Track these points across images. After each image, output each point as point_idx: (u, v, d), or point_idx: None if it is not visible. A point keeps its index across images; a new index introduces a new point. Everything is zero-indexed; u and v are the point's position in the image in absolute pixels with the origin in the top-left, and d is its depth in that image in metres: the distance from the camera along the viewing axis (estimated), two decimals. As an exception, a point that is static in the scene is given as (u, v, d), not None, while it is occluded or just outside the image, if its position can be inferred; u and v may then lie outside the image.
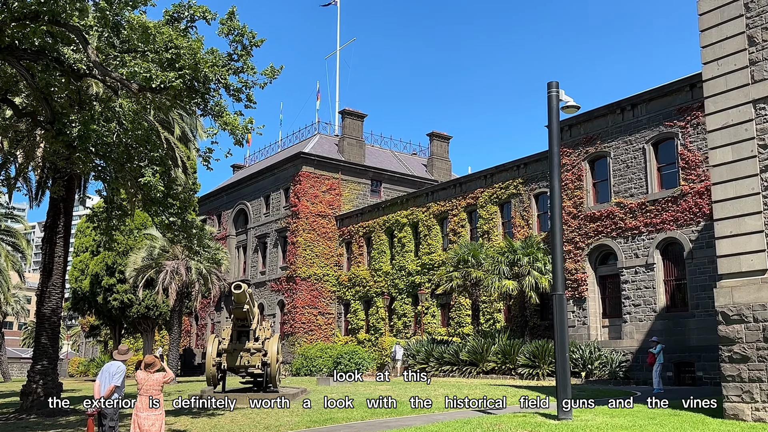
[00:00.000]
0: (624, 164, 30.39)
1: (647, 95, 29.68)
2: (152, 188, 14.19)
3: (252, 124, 14.26)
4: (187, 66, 11.81)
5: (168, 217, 15.19)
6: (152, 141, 14.74)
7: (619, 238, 30.10)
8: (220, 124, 13.84)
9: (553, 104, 14.35)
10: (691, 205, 27.73)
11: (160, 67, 11.82)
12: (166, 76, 11.55)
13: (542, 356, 29.49)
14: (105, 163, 14.36)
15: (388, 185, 54.60)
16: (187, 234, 15.84)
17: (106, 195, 15.51)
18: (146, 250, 36.98)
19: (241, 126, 13.98)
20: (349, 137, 54.14)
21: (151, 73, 11.51)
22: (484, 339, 32.63)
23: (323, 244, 50.61)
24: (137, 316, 44.34)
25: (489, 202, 39.88)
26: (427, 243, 43.67)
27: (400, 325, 44.43)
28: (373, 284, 47.09)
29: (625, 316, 29.46)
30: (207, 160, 14.38)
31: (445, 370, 32.96)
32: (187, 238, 15.99)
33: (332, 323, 50.28)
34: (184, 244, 16.25)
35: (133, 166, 14.58)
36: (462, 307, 40.25)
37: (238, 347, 19.52)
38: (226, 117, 13.76)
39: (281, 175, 52.99)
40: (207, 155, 14.41)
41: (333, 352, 43.01)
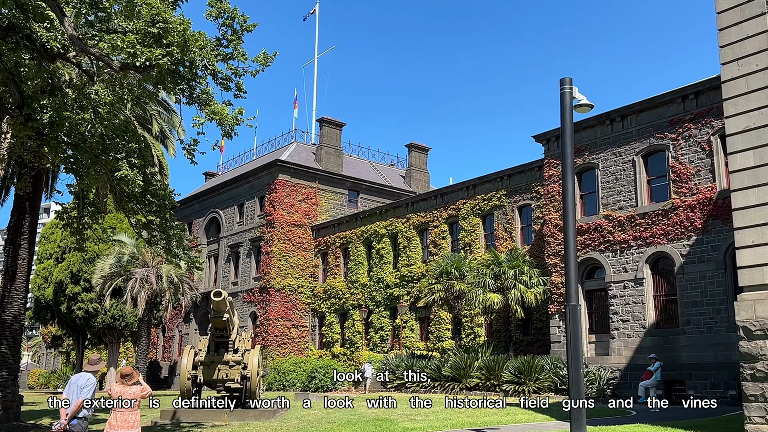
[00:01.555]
0: (613, 176, 29.73)
1: (637, 106, 29.09)
2: (129, 183, 12.94)
3: (242, 115, 13.12)
4: (176, 43, 10.63)
5: (146, 215, 13.91)
6: (130, 131, 13.48)
7: (608, 252, 29.36)
8: (207, 114, 12.66)
9: (566, 102, 13.46)
10: (682, 219, 27.10)
11: (145, 42, 10.62)
12: (152, 53, 10.36)
13: (528, 372, 28.54)
14: (78, 155, 13.08)
15: (365, 196, 53.53)
16: (165, 234, 14.56)
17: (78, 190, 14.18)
18: (115, 257, 35.33)
19: (230, 116, 12.82)
20: (327, 146, 53.02)
21: (135, 48, 10.32)
22: (467, 354, 31.57)
23: (298, 254, 49.29)
24: (102, 326, 42.50)
25: (471, 214, 39.04)
26: (406, 255, 42.64)
27: (377, 338, 43.23)
28: (349, 296, 45.86)
29: (613, 332, 28.66)
30: (191, 153, 13.17)
31: (426, 386, 31.82)
32: (166, 239, 14.71)
33: (306, 336, 48.86)
34: (162, 246, 14.97)
35: (109, 158, 13.30)
36: (442, 320, 39.24)
37: (216, 359, 18.19)
38: (214, 106, 12.59)
39: (256, 183, 51.62)
40: (192, 147, 13.19)
41: (307, 366, 41.67)
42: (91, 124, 13.32)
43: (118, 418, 10.29)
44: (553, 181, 32.02)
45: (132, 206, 14.06)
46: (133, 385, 10.43)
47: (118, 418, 10.30)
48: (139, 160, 13.12)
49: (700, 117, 27.22)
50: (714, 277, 26.00)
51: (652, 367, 23.35)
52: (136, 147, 13.11)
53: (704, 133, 27.01)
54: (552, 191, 31.97)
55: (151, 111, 20.08)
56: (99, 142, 13.35)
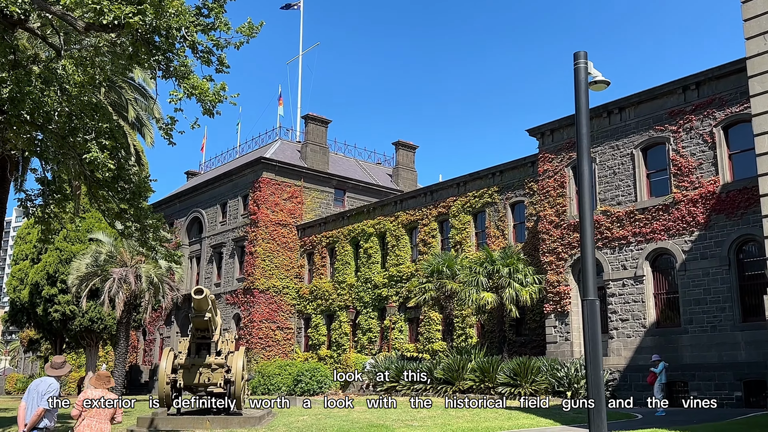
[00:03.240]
0: (611, 170, 28.72)
1: (636, 98, 28.12)
2: (100, 166, 11.62)
3: (225, 91, 11.87)
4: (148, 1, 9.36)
5: (118, 203, 12.59)
6: (101, 110, 12.15)
7: (606, 249, 28.34)
8: (185, 89, 11.39)
9: (580, 78, 12.31)
10: (684, 214, 26.12)
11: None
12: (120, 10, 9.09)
13: (524, 374, 27.41)
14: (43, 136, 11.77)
15: (352, 194, 52.28)
16: (140, 225, 13.25)
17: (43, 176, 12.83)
18: (91, 256, 33.76)
19: (211, 92, 11.56)
20: (313, 143, 51.70)
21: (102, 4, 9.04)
22: (460, 355, 30.40)
23: (283, 254, 47.93)
24: (80, 329, 40.89)
25: (462, 212, 37.92)
26: (395, 254, 41.43)
27: (365, 340, 41.98)
28: (336, 297, 44.57)
29: (612, 332, 27.63)
30: (169, 133, 11.88)
31: (417, 389, 30.61)
32: (141, 231, 13.40)
33: (291, 338, 47.50)
34: (137, 238, 13.67)
35: (77, 140, 11.97)
36: (432, 321, 38.07)
37: (197, 362, 16.84)
38: (194, 80, 11.32)
39: (240, 182, 50.21)
40: (169, 126, 11.91)
41: (293, 369, 40.27)
42: (57, 103, 11.99)
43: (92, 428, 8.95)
44: (548, 176, 30.96)
45: (103, 194, 12.76)
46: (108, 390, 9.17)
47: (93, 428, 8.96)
48: (110, 142, 11.81)
49: (702, 108, 26.29)
50: (718, 273, 25.03)
51: (657, 368, 22.23)
52: (107, 127, 11.80)
53: (706, 125, 26.07)
54: (547, 186, 30.91)
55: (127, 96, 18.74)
56: (66, 123, 12.03)
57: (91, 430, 8.86)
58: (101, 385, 9.27)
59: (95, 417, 8.96)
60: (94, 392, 9.14)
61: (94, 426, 8.89)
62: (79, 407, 9.05)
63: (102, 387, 9.25)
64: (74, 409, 9.12)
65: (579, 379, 26.52)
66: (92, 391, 9.16)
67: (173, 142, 12.01)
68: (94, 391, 9.17)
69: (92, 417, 8.96)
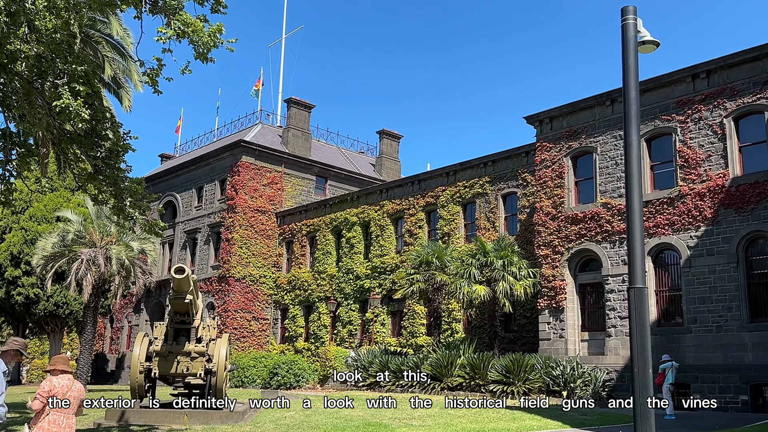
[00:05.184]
0: (612, 161, 27.45)
1: (642, 86, 26.76)
2: (72, 116, 9.87)
3: (221, 33, 10.18)
4: None
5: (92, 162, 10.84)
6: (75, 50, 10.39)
7: (605, 243, 27.07)
8: (176, 28, 9.69)
9: (629, 35, 10.84)
10: (690, 208, 24.92)
11: None
12: None
13: (517, 372, 26.04)
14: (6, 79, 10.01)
15: (334, 183, 50.57)
16: (116, 189, 11.52)
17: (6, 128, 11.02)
18: (59, 235, 31.63)
19: (206, 32, 9.87)
20: (295, 128, 49.86)
21: None
22: (449, 351, 28.95)
23: (261, 242, 46.08)
24: (44, 313, 38.69)
25: (451, 202, 36.47)
26: (379, 244, 39.86)
27: (345, 333, 40.37)
28: (315, 288, 42.87)
29: (610, 330, 26.37)
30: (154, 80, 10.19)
31: (402, 384, 29.09)
32: (117, 196, 11.67)
33: (267, 330, 45.71)
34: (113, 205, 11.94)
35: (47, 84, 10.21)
36: (417, 315, 36.58)
37: (175, 350, 15.11)
38: (186, 16, 9.62)
39: (217, 165, 48.21)
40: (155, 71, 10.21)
41: (269, 361, 38.55)
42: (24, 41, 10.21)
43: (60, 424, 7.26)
44: (545, 166, 29.61)
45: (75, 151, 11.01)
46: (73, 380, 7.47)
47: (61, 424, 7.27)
48: (84, 87, 10.07)
49: (711, 98, 25.10)
50: (725, 271, 23.87)
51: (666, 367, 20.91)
52: (83, 70, 10.07)
53: (716, 116, 24.89)
54: (544, 177, 29.56)
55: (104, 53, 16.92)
56: (35, 65, 10.26)
57: (59, 427, 7.19)
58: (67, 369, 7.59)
59: (62, 411, 7.29)
60: (60, 380, 7.46)
61: (61, 422, 7.22)
62: (43, 399, 7.35)
63: (68, 373, 7.58)
64: (36, 400, 7.41)
65: (575, 378, 25.22)
66: (58, 380, 7.47)
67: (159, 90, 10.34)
68: (61, 379, 7.49)
69: (59, 411, 7.28)
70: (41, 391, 7.51)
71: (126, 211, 11.95)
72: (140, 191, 12.23)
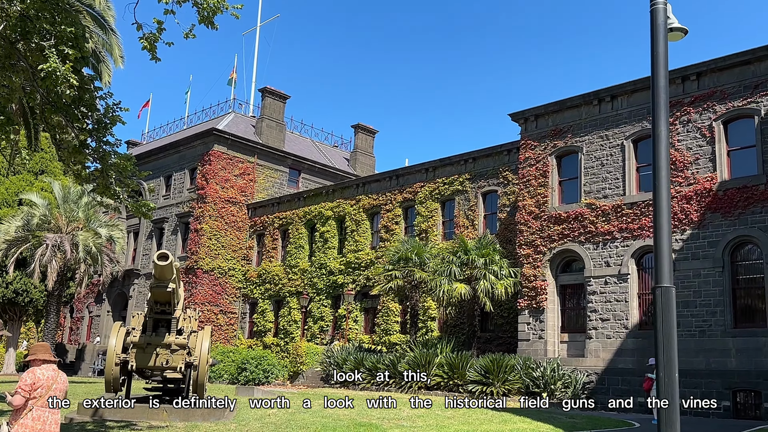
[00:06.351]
0: (598, 161, 27.12)
1: (630, 86, 26.56)
2: (59, 81, 8.93)
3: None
4: None
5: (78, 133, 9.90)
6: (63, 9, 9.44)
7: (588, 244, 26.72)
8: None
9: (658, 21, 10.29)
10: (676, 211, 24.68)
11: None
12: None
13: (496, 372, 25.57)
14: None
15: (307, 176, 49.64)
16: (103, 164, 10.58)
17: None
18: (22, 219, 30.17)
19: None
20: (269, 118, 48.79)
21: None
22: (427, 349, 28.35)
23: (231, 234, 44.96)
24: (3, 301, 37.03)
25: (429, 198, 35.89)
26: (354, 239, 39.09)
27: (317, 329, 39.52)
28: (287, 282, 41.92)
29: (590, 332, 26.03)
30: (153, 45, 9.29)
31: (378, 383, 28.41)
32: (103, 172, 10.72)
33: (235, 324, 44.60)
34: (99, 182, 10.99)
35: (30, 46, 9.25)
36: (391, 312, 35.93)
37: (154, 341, 14.16)
38: (191, -24, 8.78)
39: (188, 153, 46.92)
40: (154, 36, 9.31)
41: (237, 356, 37.53)
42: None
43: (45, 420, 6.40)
44: (529, 165, 29.17)
45: (59, 120, 10.05)
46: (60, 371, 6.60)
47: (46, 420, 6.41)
48: (74, 51, 9.15)
49: (701, 100, 24.90)
50: (710, 275, 23.67)
51: (653, 374, 20.47)
52: (71, 32, 9.14)
53: (705, 118, 24.70)
54: (528, 175, 29.12)
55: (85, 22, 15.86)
56: (17, 24, 9.29)
57: (44, 423, 6.33)
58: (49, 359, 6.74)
59: (47, 405, 6.42)
60: (45, 371, 6.59)
61: (46, 418, 6.36)
62: (25, 393, 6.47)
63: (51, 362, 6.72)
64: (17, 395, 6.53)
65: (555, 380, 24.85)
66: (42, 371, 6.60)
67: (157, 56, 9.45)
68: (45, 370, 6.61)
69: (43, 406, 6.41)
70: (23, 384, 6.63)
71: (111, 189, 11.04)
72: (129, 168, 11.32)
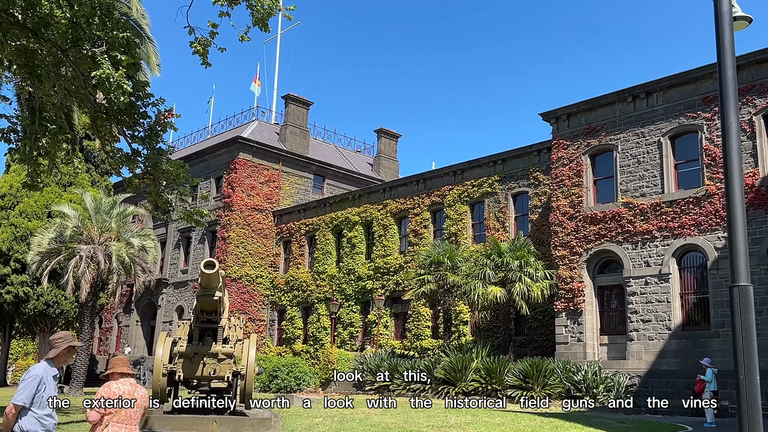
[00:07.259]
0: (634, 159, 26.64)
1: (665, 82, 26.08)
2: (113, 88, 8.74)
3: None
4: None
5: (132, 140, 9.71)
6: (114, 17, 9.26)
7: (627, 244, 26.23)
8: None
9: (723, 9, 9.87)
10: (717, 208, 24.16)
11: None
12: None
13: (536, 376, 25.14)
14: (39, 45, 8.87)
15: (331, 182, 49.47)
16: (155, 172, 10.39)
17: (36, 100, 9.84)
18: (55, 230, 30.23)
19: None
20: (293, 125, 48.71)
21: None
22: (462, 354, 27.97)
23: (258, 241, 44.86)
24: (34, 313, 37.13)
25: (458, 201, 35.53)
26: (382, 244, 38.81)
27: (346, 335, 39.26)
28: (314, 289, 41.72)
29: (631, 334, 25.52)
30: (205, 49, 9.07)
31: (413, 389, 28.08)
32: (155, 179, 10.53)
33: (264, 331, 44.47)
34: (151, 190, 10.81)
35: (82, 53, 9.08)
36: (422, 317, 35.58)
37: (201, 351, 13.95)
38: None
39: (213, 162, 46.93)
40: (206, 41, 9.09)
41: (267, 364, 37.31)
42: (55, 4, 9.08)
43: None
44: (562, 164, 28.75)
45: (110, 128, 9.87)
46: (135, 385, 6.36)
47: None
48: (126, 57, 8.97)
49: (740, 94, 24.31)
50: (755, 273, 22.99)
51: (705, 376, 19.93)
52: (124, 37, 8.95)
53: (745, 113, 24.17)
54: (561, 175, 28.69)
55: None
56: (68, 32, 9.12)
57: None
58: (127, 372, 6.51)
59: (124, 422, 6.19)
60: (121, 386, 6.36)
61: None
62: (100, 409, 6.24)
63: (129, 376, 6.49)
64: (92, 410, 6.30)
65: (597, 383, 24.36)
66: (118, 385, 6.37)
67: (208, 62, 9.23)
68: (121, 384, 6.39)
69: (120, 422, 6.18)
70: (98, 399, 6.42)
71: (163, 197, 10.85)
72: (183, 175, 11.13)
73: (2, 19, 8.39)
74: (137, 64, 9.48)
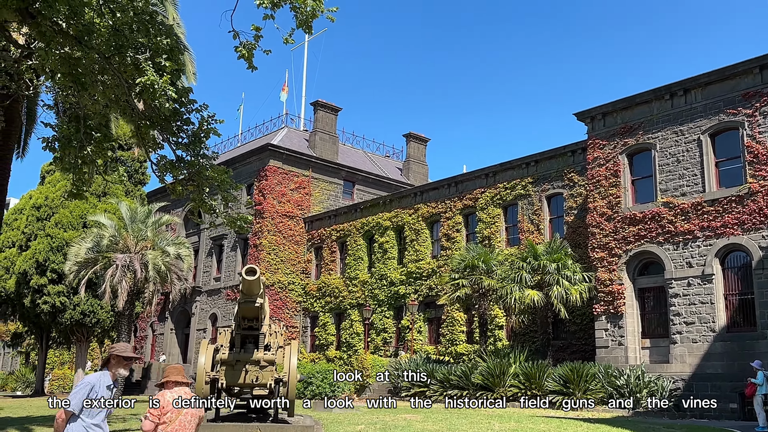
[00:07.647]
0: (673, 158, 26.09)
1: (704, 78, 25.53)
2: (157, 94, 8.65)
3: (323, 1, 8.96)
4: None
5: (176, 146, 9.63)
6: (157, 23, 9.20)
7: (667, 244, 25.68)
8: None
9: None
10: (761, 206, 23.54)
11: None
12: None
13: (577, 381, 24.68)
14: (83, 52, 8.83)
15: (361, 187, 49.38)
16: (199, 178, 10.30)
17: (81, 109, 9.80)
18: (92, 240, 30.51)
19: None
20: (322, 132, 48.74)
21: None
22: (499, 359, 27.59)
23: (289, 248, 44.88)
24: (70, 323, 37.50)
25: (491, 204, 35.18)
26: (414, 249, 38.57)
27: (379, 341, 39.05)
28: (347, 294, 41.59)
29: (674, 336, 24.95)
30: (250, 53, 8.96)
31: (451, 395, 27.73)
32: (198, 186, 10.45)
33: (296, 338, 44.39)
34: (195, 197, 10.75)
35: (125, 61, 9.01)
36: (456, 322, 35.24)
37: (243, 358, 13.84)
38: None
39: (244, 170, 47.09)
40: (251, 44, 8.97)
41: (301, 371, 37.22)
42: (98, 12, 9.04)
43: None
44: (598, 165, 28.28)
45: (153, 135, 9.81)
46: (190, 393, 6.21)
47: None
48: (170, 63, 8.89)
49: (784, 90, 23.75)
50: (802, 273, 22.47)
51: (757, 379, 19.34)
52: (168, 43, 8.87)
53: (789, 109, 23.54)
54: (598, 176, 28.23)
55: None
56: (111, 39, 9.06)
57: None
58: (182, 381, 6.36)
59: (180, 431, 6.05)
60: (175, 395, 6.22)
61: None
62: (154, 418, 6.11)
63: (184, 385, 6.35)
64: (147, 420, 6.17)
65: (641, 387, 23.83)
66: (172, 394, 6.23)
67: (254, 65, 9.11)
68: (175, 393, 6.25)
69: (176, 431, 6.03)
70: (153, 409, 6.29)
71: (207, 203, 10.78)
72: (227, 181, 11.05)
73: (46, 28, 8.37)
74: (180, 70, 9.43)
